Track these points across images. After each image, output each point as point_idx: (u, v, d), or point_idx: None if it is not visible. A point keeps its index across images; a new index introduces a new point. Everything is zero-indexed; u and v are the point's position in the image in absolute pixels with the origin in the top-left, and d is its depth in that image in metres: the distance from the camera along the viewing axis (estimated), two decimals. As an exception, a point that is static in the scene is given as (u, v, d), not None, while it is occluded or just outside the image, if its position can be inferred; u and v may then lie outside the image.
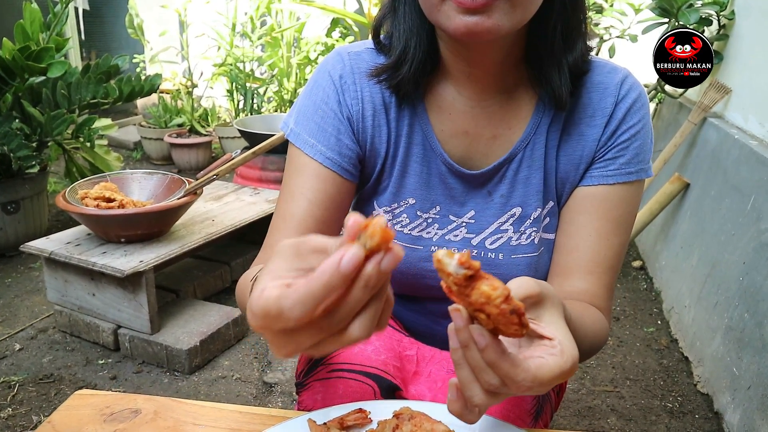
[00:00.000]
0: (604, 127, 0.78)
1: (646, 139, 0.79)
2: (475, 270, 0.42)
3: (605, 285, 0.78)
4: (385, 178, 0.83)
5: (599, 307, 0.76)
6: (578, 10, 0.75)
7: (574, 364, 0.49)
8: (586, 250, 0.77)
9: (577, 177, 0.80)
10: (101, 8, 5.59)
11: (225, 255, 2.48)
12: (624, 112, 0.78)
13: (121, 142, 4.69)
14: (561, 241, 0.81)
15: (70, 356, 1.93)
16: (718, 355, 1.76)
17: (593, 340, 0.71)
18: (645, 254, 2.81)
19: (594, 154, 0.79)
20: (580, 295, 0.76)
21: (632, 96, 0.78)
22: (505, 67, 0.77)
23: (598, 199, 0.78)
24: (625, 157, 0.78)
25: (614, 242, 0.78)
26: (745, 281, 1.72)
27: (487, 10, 0.63)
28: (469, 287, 0.43)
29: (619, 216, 0.78)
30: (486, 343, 0.46)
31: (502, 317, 0.44)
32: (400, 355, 0.85)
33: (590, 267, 0.77)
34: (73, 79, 2.63)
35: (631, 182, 0.78)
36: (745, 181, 1.92)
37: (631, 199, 0.79)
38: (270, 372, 1.86)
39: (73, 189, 1.98)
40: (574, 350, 0.49)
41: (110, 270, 1.77)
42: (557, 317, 0.51)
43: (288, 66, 4.50)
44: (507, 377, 0.46)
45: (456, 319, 0.47)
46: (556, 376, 0.47)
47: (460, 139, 0.81)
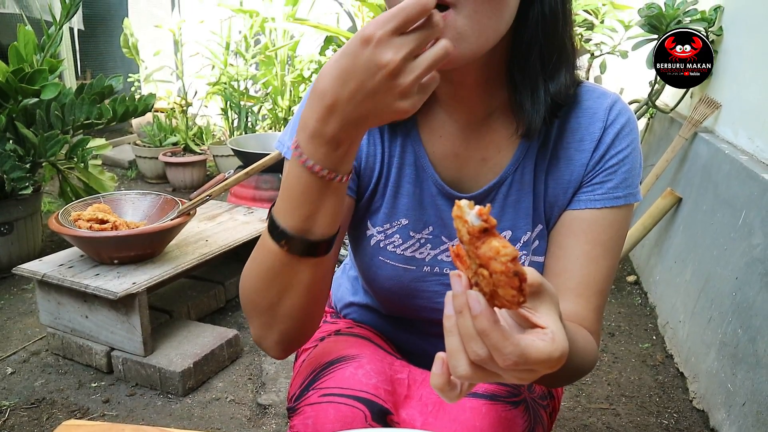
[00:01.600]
0: (593, 152, 0.78)
1: (634, 164, 0.79)
2: (491, 226, 0.44)
3: (594, 308, 0.78)
4: (378, 198, 0.84)
5: (588, 330, 0.76)
6: (557, 36, 0.75)
7: (563, 355, 0.48)
8: (574, 273, 0.78)
9: (566, 201, 0.81)
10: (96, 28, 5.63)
11: (219, 275, 2.47)
12: (612, 137, 0.78)
13: (116, 161, 4.69)
14: (549, 264, 0.81)
15: (63, 379, 1.91)
16: (713, 371, 1.76)
17: (582, 359, 0.70)
18: (639, 269, 2.82)
19: (582, 178, 0.79)
20: (569, 318, 0.76)
21: (621, 121, 0.78)
22: (487, 89, 0.78)
23: (586, 222, 0.79)
24: (613, 181, 0.78)
25: (602, 266, 0.78)
26: (737, 296, 1.73)
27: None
28: (481, 240, 0.44)
29: (608, 240, 0.78)
30: (480, 310, 0.46)
31: (505, 276, 0.44)
32: (391, 379, 0.85)
33: (579, 290, 0.77)
34: (67, 100, 2.64)
35: (619, 207, 0.78)
36: (736, 196, 1.93)
37: (619, 224, 0.79)
38: (264, 393, 1.85)
39: (66, 211, 1.98)
40: (565, 342, 0.48)
41: (103, 292, 1.76)
42: (553, 311, 0.51)
43: (282, 84, 4.52)
44: (495, 348, 0.46)
45: (455, 284, 0.47)
46: (543, 359, 0.47)
47: (451, 161, 0.82)
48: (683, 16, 2.42)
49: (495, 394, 0.82)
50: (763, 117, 1.98)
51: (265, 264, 0.69)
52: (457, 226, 0.45)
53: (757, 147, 1.98)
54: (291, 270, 0.68)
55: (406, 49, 0.52)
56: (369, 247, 0.86)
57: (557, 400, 0.98)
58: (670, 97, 2.98)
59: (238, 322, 2.32)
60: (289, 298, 0.71)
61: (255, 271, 0.72)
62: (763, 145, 1.95)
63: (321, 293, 0.77)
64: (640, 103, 3.04)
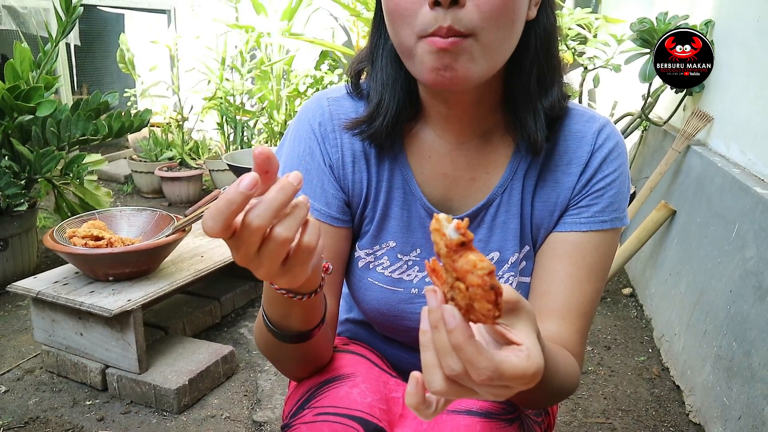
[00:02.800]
0: (580, 175, 0.79)
1: (621, 188, 0.80)
2: (468, 240, 0.45)
3: (578, 330, 0.78)
4: (366, 222, 0.85)
5: (571, 352, 0.77)
6: (552, 57, 0.77)
7: (537, 372, 0.48)
8: (557, 295, 0.78)
9: (552, 223, 0.81)
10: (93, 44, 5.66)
11: (214, 290, 2.47)
12: (600, 161, 0.79)
13: (112, 176, 4.69)
14: (534, 285, 0.82)
15: (57, 398, 1.90)
16: (709, 384, 1.76)
17: (564, 380, 0.70)
18: (635, 281, 2.82)
19: (569, 201, 0.80)
20: (552, 339, 0.76)
21: (609, 146, 0.79)
22: (482, 110, 0.79)
23: (571, 245, 0.79)
24: (599, 205, 0.79)
25: (587, 289, 0.78)
26: (732, 309, 1.73)
27: (455, 51, 0.65)
28: (458, 253, 0.45)
29: (593, 263, 0.78)
30: (456, 324, 0.45)
31: (481, 290, 0.44)
32: (386, 398, 0.85)
33: (562, 312, 0.77)
34: (62, 117, 2.65)
35: (605, 230, 0.79)
36: (729, 208, 1.94)
37: (605, 248, 0.79)
38: (260, 410, 1.84)
39: (61, 228, 1.98)
40: (540, 360, 0.48)
41: (98, 309, 1.76)
42: (530, 328, 0.51)
43: (278, 98, 4.54)
44: (469, 363, 0.45)
45: (430, 299, 0.47)
46: (518, 375, 0.47)
47: (440, 182, 0.83)
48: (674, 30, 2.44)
49: (490, 411, 0.82)
50: (754, 130, 2.00)
51: (262, 336, 0.75)
52: (435, 240, 0.46)
53: (749, 160, 2.00)
54: (283, 347, 0.74)
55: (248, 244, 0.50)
56: (357, 269, 0.87)
57: (552, 416, 0.98)
58: (664, 110, 3.00)
59: (233, 338, 2.31)
60: (288, 362, 0.80)
61: (257, 334, 0.79)
62: (754, 158, 1.96)
63: (321, 355, 0.82)
64: (634, 116, 3.07)
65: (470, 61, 0.66)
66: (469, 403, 0.83)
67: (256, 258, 0.49)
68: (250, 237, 0.47)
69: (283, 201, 0.48)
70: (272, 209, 0.47)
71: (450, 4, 0.63)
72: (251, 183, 0.46)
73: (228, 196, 0.45)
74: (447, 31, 0.64)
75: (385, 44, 0.78)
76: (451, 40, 0.64)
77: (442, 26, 0.64)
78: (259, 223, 0.47)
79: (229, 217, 0.46)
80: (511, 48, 0.71)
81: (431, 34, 0.65)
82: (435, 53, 0.66)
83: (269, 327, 0.71)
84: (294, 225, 0.49)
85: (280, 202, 0.47)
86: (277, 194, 0.47)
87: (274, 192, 0.47)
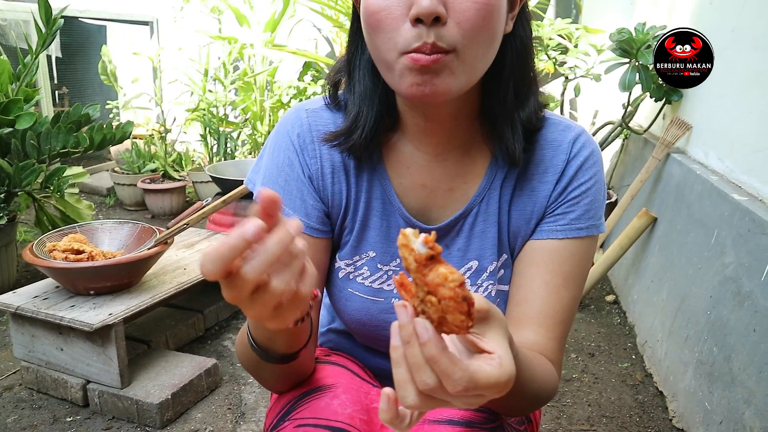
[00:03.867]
0: (556, 183, 0.80)
1: (597, 195, 0.81)
2: (437, 252, 0.45)
3: (555, 338, 0.78)
4: (346, 233, 0.85)
5: (549, 359, 0.77)
6: (528, 68, 0.78)
7: (510, 380, 0.48)
8: (535, 302, 0.78)
9: (529, 231, 0.82)
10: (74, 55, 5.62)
11: (198, 303, 2.45)
12: (576, 169, 0.80)
13: (94, 189, 4.65)
14: (512, 293, 0.82)
15: (37, 414, 1.87)
16: (691, 389, 1.77)
17: (541, 386, 0.71)
18: (618, 288, 2.84)
19: (545, 209, 0.81)
20: (530, 347, 0.77)
21: (584, 154, 0.80)
22: (460, 122, 0.80)
23: (547, 252, 0.80)
24: (575, 212, 0.80)
25: (564, 296, 0.79)
26: (712, 315, 1.75)
27: (437, 68, 0.66)
28: (428, 267, 0.45)
29: (569, 271, 0.79)
30: (428, 337, 0.45)
31: (453, 302, 0.44)
32: (367, 408, 0.85)
33: (539, 319, 0.78)
34: (42, 129, 2.62)
35: (581, 238, 0.80)
36: (708, 215, 1.96)
37: (582, 255, 0.80)
38: (244, 423, 1.82)
39: (41, 242, 1.96)
40: (512, 367, 0.49)
41: (78, 324, 1.73)
42: (501, 336, 0.51)
43: (261, 110, 4.54)
44: (444, 374, 0.46)
45: (401, 314, 0.47)
46: (492, 384, 0.47)
47: (419, 192, 0.83)
48: (653, 40, 2.48)
49: (471, 420, 0.82)
50: (731, 138, 2.03)
51: (245, 354, 0.75)
52: (403, 255, 0.46)
53: (727, 167, 2.03)
54: (267, 366, 0.74)
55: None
56: (338, 280, 0.87)
57: (535, 424, 0.98)
58: (644, 119, 3.04)
59: (217, 350, 2.29)
60: (270, 378, 0.80)
61: (239, 350, 0.78)
62: (732, 165, 1.99)
63: (304, 371, 0.82)
64: (615, 124, 3.10)
65: (450, 76, 0.67)
66: (450, 412, 0.83)
67: (248, 301, 0.48)
68: (243, 285, 0.45)
69: (280, 254, 0.46)
70: (268, 263, 0.45)
71: (432, 22, 0.64)
72: (256, 232, 0.44)
73: (231, 242, 0.43)
74: (431, 47, 0.64)
75: (363, 55, 0.79)
76: (434, 57, 0.65)
77: (427, 42, 0.64)
78: (254, 276, 0.45)
79: (228, 263, 0.44)
80: (490, 62, 0.72)
81: (414, 50, 0.65)
82: (417, 69, 0.66)
83: (254, 348, 0.71)
84: (290, 277, 0.48)
85: (277, 255, 0.46)
86: (276, 247, 0.45)
87: (272, 244, 0.45)
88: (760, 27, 1.88)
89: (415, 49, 0.65)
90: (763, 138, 1.78)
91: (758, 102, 1.84)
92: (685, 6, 2.64)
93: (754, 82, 1.87)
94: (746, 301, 1.58)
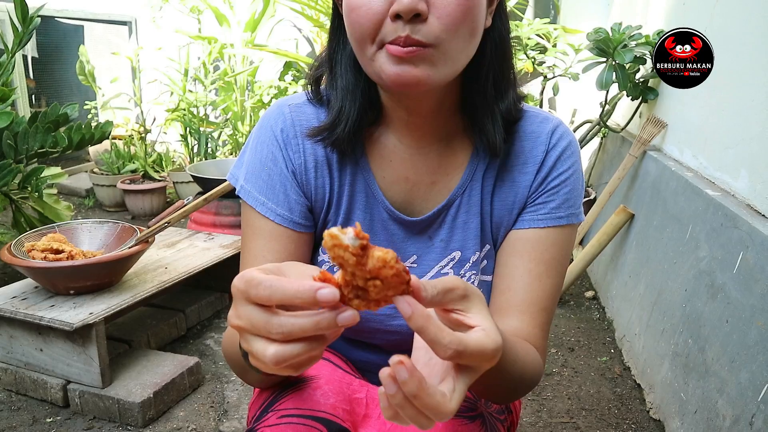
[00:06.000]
0: (536, 174, 0.82)
1: (576, 185, 0.83)
2: (367, 239, 0.46)
3: (539, 325, 0.80)
4: (329, 227, 0.86)
5: (534, 346, 0.79)
6: (507, 61, 0.80)
7: (497, 349, 0.50)
8: (518, 291, 0.80)
9: (511, 221, 0.84)
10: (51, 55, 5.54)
11: (179, 302, 2.44)
12: (554, 159, 0.82)
13: (73, 190, 4.60)
14: (495, 282, 0.84)
15: (16, 416, 1.85)
16: (667, 381, 1.81)
17: (524, 369, 0.72)
18: (597, 284, 2.89)
19: (526, 199, 0.83)
20: (515, 334, 0.79)
21: (562, 144, 0.83)
22: (441, 115, 0.81)
23: (530, 242, 0.82)
24: (555, 202, 0.82)
25: (547, 283, 0.81)
26: (687, 308, 1.79)
27: (414, 59, 0.67)
28: (365, 256, 0.46)
29: (551, 258, 0.81)
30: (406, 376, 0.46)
31: (396, 277, 0.46)
32: (349, 398, 0.86)
33: (523, 307, 0.80)
34: (20, 129, 2.59)
35: (561, 226, 0.82)
36: (683, 211, 2.01)
37: (563, 243, 0.82)
38: (227, 421, 1.82)
39: (19, 242, 1.94)
40: (498, 336, 0.51)
41: (58, 323, 1.72)
42: (483, 310, 0.53)
43: (242, 110, 4.52)
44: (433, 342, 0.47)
45: (389, 387, 0.47)
46: (481, 350, 0.49)
47: (401, 186, 0.85)
48: (629, 40, 2.52)
49: (452, 410, 0.83)
50: (705, 135, 2.08)
51: (233, 356, 0.75)
52: (337, 254, 0.46)
53: (701, 164, 2.07)
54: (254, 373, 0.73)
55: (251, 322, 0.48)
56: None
57: (515, 414, 1.00)
58: (621, 117, 3.09)
59: (199, 349, 2.29)
60: (254, 379, 0.79)
61: (227, 350, 0.79)
62: (705, 162, 2.04)
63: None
64: (593, 123, 3.15)
65: (430, 67, 0.68)
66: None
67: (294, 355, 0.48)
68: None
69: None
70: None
71: (412, 18, 0.65)
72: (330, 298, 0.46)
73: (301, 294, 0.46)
74: (405, 39, 0.66)
75: (344, 50, 0.80)
76: (408, 49, 0.67)
77: (401, 35, 0.66)
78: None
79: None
80: (471, 55, 0.73)
81: (390, 42, 0.67)
82: (394, 60, 0.68)
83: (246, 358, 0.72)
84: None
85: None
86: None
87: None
88: (731, 28, 1.92)
89: (390, 41, 0.67)
90: (733, 135, 1.83)
91: (729, 101, 1.89)
92: (660, 7, 2.70)
93: (725, 81, 1.92)
94: (719, 293, 1.62)
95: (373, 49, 0.69)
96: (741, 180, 1.75)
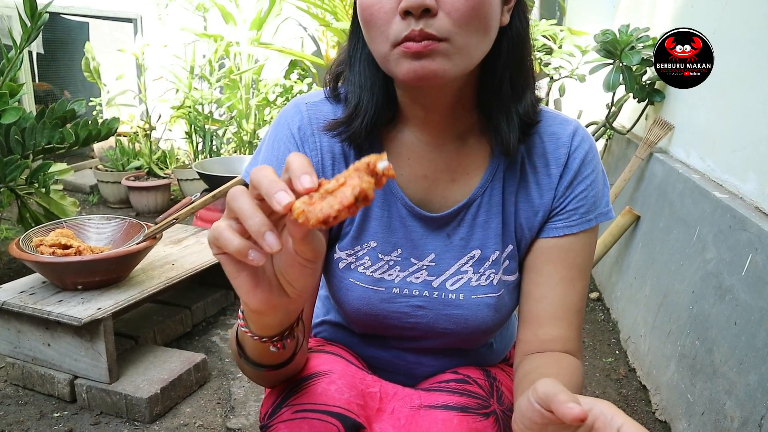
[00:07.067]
0: (560, 177, 0.83)
1: (601, 186, 0.85)
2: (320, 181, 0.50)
3: (575, 327, 0.82)
4: (347, 224, 0.86)
5: (572, 350, 0.81)
6: (524, 60, 0.80)
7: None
8: (554, 299, 0.82)
9: (536, 222, 0.84)
10: (56, 52, 5.55)
11: (185, 299, 2.45)
12: (579, 163, 0.83)
13: (77, 186, 4.61)
14: (529, 290, 0.85)
15: (23, 410, 1.86)
16: (673, 382, 1.81)
17: (579, 387, 0.77)
18: (601, 285, 2.89)
19: (552, 203, 0.83)
20: (554, 341, 0.80)
21: (585, 147, 0.83)
22: (457, 112, 0.81)
23: (564, 249, 0.83)
24: (585, 206, 0.83)
25: (578, 286, 0.82)
26: (694, 309, 1.79)
27: (430, 54, 0.68)
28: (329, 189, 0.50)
29: (582, 261, 0.83)
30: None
31: (366, 167, 0.48)
32: (363, 393, 0.86)
33: (560, 314, 0.81)
34: (27, 125, 2.60)
35: (592, 228, 0.83)
36: (690, 213, 2.01)
37: (591, 244, 0.85)
38: (234, 417, 1.83)
39: (28, 236, 1.94)
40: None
41: (66, 318, 1.73)
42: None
43: (247, 107, 4.53)
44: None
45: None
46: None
47: (420, 183, 0.85)
48: (636, 42, 2.52)
49: (466, 406, 0.84)
50: (712, 138, 2.08)
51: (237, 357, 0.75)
52: (358, 169, 0.49)
53: (708, 166, 2.08)
54: (258, 372, 0.75)
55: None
56: (338, 270, 0.87)
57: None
58: (627, 119, 3.09)
59: (205, 346, 2.29)
60: (261, 379, 0.79)
61: (233, 349, 0.78)
62: (713, 164, 2.04)
63: (296, 371, 0.82)
64: (598, 124, 3.15)
65: (446, 61, 0.69)
66: (446, 398, 0.85)
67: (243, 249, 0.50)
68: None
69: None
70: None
71: (421, 13, 0.66)
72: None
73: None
74: (420, 33, 0.67)
75: (363, 49, 0.80)
76: (425, 43, 0.67)
77: (414, 30, 0.67)
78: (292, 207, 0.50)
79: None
80: (485, 50, 0.73)
81: (404, 39, 0.68)
82: (410, 56, 0.68)
83: (243, 359, 0.73)
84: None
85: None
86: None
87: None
88: (739, 30, 1.92)
89: (405, 38, 0.68)
90: (742, 138, 1.83)
91: (737, 103, 1.89)
92: (667, 9, 2.70)
93: (733, 83, 1.92)
94: (727, 295, 1.62)
95: (388, 48, 0.70)
96: (749, 183, 1.75)
